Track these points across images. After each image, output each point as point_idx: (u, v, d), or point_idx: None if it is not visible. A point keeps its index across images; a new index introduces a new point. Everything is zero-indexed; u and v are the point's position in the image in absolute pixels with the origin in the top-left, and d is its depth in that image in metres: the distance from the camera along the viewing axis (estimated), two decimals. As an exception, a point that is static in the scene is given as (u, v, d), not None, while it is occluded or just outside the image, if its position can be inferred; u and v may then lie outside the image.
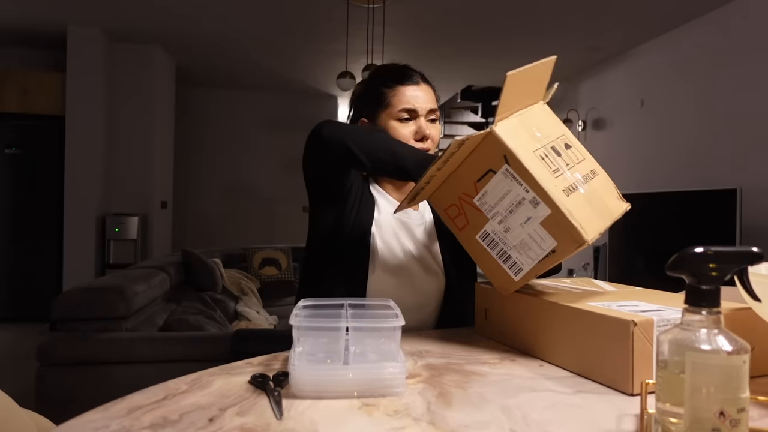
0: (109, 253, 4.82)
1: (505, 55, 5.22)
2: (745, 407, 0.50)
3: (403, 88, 1.21)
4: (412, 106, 1.20)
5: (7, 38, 4.91)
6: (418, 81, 1.23)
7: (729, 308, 0.77)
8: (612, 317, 0.74)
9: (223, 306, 3.08)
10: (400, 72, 1.24)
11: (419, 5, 4.03)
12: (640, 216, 4.17)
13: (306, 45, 5.00)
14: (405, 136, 1.19)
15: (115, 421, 0.62)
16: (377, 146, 1.06)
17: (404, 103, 1.20)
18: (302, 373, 0.70)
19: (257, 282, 4.16)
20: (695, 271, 0.53)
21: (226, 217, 6.69)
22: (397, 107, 1.20)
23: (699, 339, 0.51)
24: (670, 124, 4.40)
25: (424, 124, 1.20)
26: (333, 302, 0.86)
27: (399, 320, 0.75)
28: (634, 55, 4.85)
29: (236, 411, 0.65)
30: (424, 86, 1.23)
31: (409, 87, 1.21)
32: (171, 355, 2.08)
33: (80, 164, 4.67)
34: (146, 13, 4.29)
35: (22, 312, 4.74)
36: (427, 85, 1.24)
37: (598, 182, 0.96)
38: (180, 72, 5.78)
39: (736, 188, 3.29)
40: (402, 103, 1.20)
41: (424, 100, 1.21)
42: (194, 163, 6.62)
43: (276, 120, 6.84)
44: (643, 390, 0.63)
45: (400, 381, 0.71)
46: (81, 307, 2.14)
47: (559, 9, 4.03)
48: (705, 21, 4.07)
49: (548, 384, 0.77)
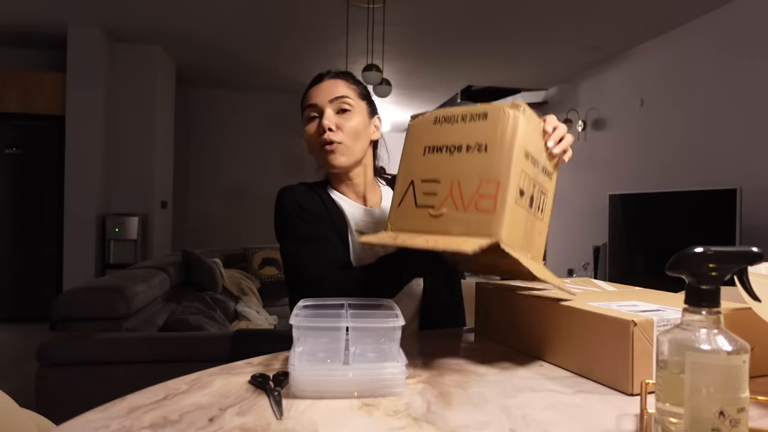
0: (109, 253, 4.82)
1: (506, 55, 5.22)
2: (745, 407, 0.50)
3: (309, 90, 1.19)
4: (311, 101, 1.17)
5: (7, 38, 4.91)
6: (322, 79, 1.19)
7: (729, 308, 0.77)
8: (612, 317, 0.74)
9: (223, 306, 3.08)
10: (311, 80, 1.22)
11: (419, 5, 4.03)
12: (640, 216, 4.19)
13: (306, 45, 5.00)
14: (310, 136, 1.17)
15: (115, 421, 0.62)
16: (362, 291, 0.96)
17: (306, 101, 1.18)
18: (302, 373, 0.70)
19: (257, 282, 4.15)
20: (695, 271, 0.53)
21: (226, 217, 6.69)
22: (302, 109, 1.19)
23: (699, 339, 0.51)
24: (670, 124, 4.40)
25: (327, 115, 1.14)
26: (333, 302, 0.86)
27: (399, 320, 0.75)
28: (634, 55, 4.85)
29: (236, 411, 0.65)
30: (327, 81, 1.18)
31: (313, 87, 1.19)
32: (171, 355, 2.07)
33: (80, 164, 4.67)
34: (146, 13, 4.29)
35: (22, 312, 4.74)
36: (335, 79, 1.19)
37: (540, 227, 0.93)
38: (180, 72, 5.78)
39: (736, 188, 3.29)
40: (304, 103, 1.19)
41: (325, 91, 1.16)
42: (194, 163, 6.62)
43: (276, 120, 6.83)
44: (643, 390, 0.63)
45: (400, 381, 0.71)
46: (81, 307, 2.13)
47: (559, 9, 4.03)
48: (705, 21, 4.07)
49: (548, 384, 0.77)
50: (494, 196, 0.81)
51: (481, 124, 0.87)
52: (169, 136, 5.64)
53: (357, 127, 1.16)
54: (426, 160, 0.92)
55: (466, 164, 0.86)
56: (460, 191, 0.85)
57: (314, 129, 1.16)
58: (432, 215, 0.87)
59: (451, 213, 0.85)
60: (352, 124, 1.15)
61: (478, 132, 0.86)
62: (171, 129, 5.72)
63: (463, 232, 0.82)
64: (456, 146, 0.88)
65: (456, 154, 0.88)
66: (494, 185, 0.82)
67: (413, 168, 0.94)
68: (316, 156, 1.19)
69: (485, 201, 0.82)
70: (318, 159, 1.19)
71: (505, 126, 0.84)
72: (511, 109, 0.85)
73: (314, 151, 1.19)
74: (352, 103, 1.16)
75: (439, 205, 0.87)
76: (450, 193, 0.86)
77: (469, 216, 0.83)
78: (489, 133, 0.85)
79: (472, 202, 0.83)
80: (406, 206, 0.93)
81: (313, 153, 1.19)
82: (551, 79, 6.02)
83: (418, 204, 0.91)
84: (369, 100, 1.23)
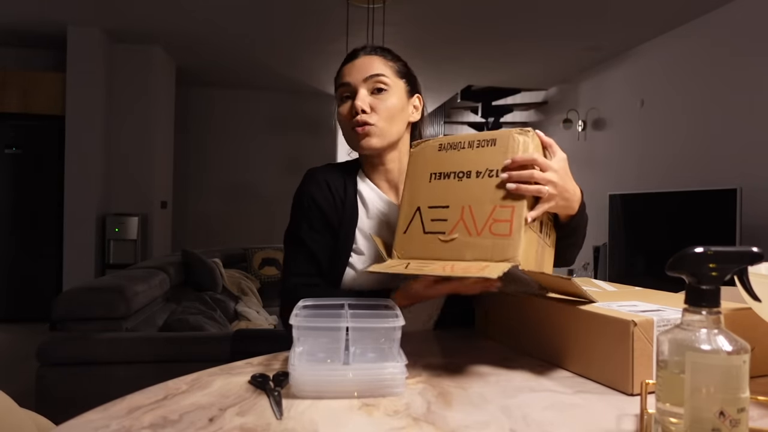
0: (109, 253, 4.82)
1: (506, 55, 5.22)
2: (745, 407, 0.50)
3: (341, 69, 1.12)
4: (344, 79, 1.10)
5: (7, 38, 4.91)
6: (357, 55, 1.11)
7: (729, 308, 0.77)
8: (612, 317, 0.74)
9: (223, 306, 3.08)
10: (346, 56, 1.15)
11: (419, 6, 4.03)
12: (640, 216, 4.19)
13: (306, 45, 5.00)
14: (343, 117, 1.10)
15: (115, 421, 0.62)
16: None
17: (338, 80, 1.11)
18: (302, 373, 0.70)
19: (257, 282, 4.16)
20: (695, 271, 0.53)
21: (226, 217, 6.69)
22: (335, 88, 1.13)
23: (699, 339, 0.51)
24: (670, 124, 4.40)
25: (360, 96, 1.07)
26: (333, 302, 0.86)
27: (399, 320, 0.75)
28: (634, 55, 4.85)
29: (236, 411, 0.65)
30: (362, 57, 1.10)
31: (347, 65, 1.11)
32: (171, 355, 2.07)
33: (80, 164, 4.66)
34: (146, 13, 4.29)
35: (22, 312, 4.73)
36: (371, 56, 1.11)
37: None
38: (180, 72, 5.78)
39: (736, 188, 3.29)
40: (337, 82, 1.12)
41: (359, 69, 1.09)
42: (194, 163, 6.62)
43: (276, 120, 6.84)
44: (643, 390, 0.63)
45: (400, 381, 0.71)
46: (81, 307, 2.13)
47: (559, 9, 4.03)
48: (705, 21, 4.07)
49: (548, 384, 0.77)
50: (510, 220, 0.82)
51: (490, 150, 0.89)
52: (168, 136, 5.64)
53: (393, 108, 1.09)
54: (432, 186, 0.93)
55: (477, 190, 0.87)
56: (472, 216, 0.86)
57: (347, 110, 1.09)
58: (443, 241, 0.88)
59: (463, 238, 0.86)
60: (387, 104, 1.08)
61: (487, 158, 0.89)
62: (171, 129, 5.71)
63: (479, 257, 0.83)
64: (465, 172, 0.90)
65: (465, 180, 0.90)
66: (509, 210, 0.83)
67: (419, 194, 0.95)
68: (348, 137, 1.12)
69: (500, 225, 0.83)
70: (349, 141, 1.13)
71: (516, 151, 0.86)
72: (520, 135, 0.87)
73: (346, 132, 1.12)
74: (388, 81, 1.09)
75: (450, 231, 0.88)
76: (462, 218, 0.87)
77: (483, 241, 0.84)
78: (499, 158, 0.87)
79: (486, 227, 0.84)
80: (413, 233, 0.93)
81: (345, 134, 1.13)
82: (551, 79, 6.02)
83: (426, 230, 0.91)
84: (409, 77, 1.15)
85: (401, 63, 1.15)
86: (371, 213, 1.12)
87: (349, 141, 1.12)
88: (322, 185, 1.11)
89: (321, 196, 1.10)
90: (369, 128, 1.07)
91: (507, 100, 6.84)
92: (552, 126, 6.23)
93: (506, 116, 7.00)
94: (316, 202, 1.09)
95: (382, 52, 1.13)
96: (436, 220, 0.90)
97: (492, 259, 0.82)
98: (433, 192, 0.93)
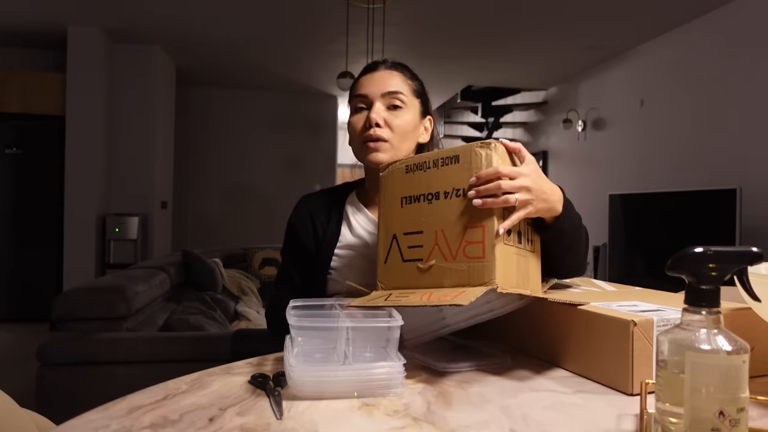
0: (109, 253, 4.82)
1: (506, 55, 5.22)
2: (745, 407, 0.50)
3: (361, 78, 1.13)
4: (362, 91, 1.10)
5: (7, 38, 4.91)
6: (377, 68, 1.13)
7: (729, 308, 0.77)
8: (612, 317, 0.74)
9: (223, 306, 3.08)
10: (367, 65, 1.16)
11: (419, 5, 4.03)
12: (640, 216, 4.19)
13: (306, 45, 5.01)
14: (354, 128, 1.11)
15: (115, 421, 0.62)
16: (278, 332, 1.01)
17: (357, 89, 1.12)
18: (301, 373, 0.70)
19: (257, 282, 4.15)
20: (695, 271, 0.53)
21: (226, 217, 6.69)
22: (350, 98, 1.14)
23: (699, 339, 0.51)
24: (670, 124, 4.40)
25: (376, 109, 1.08)
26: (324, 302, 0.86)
27: (398, 320, 0.75)
28: (634, 55, 4.85)
29: (236, 411, 0.65)
30: (382, 71, 1.12)
31: (366, 76, 1.12)
32: (171, 355, 2.07)
33: (80, 164, 4.67)
34: (146, 13, 4.29)
35: (22, 312, 4.73)
36: (391, 70, 1.12)
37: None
38: (180, 72, 5.78)
39: (736, 188, 3.29)
40: (355, 91, 1.12)
41: (379, 83, 1.10)
42: (194, 163, 6.62)
43: (276, 120, 6.84)
44: (642, 390, 0.63)
45: (398, 380, 0.71)
46: (81, 307, 2.13)
47: (559, 9, 4.03)
48: (705, 21, 4.07)
49: (548, 384, 0.77)
50: (481, 241, 0.79)
51: (455, 168, 0.85)
52: (169, 136, 5.64)
53: (407, 126, 1.10)
54: (405, 212, 0.90)
55: (446, 211, 0.84)
56: (446, 240, 0.83)
57: (361, 121, 1.09)
58: (422, 269, 0.85)
59: (440, 264, 0.83)
60: (401, 122, 1.09)
61: (452, 176, 0.85)
62: (171, 129, 5.72)
63: (457, 283, 0.80)
64: (434, 194, 0.86)
65: (435, 202, 0.86)
66: (479, 230, 0.80)
67: (393, 221, 0.92)
68: (356, 149, 1.12)
69: (473, 247, 0.80)
70: (357, 153, 1.13)
71: (480, 166, 0.82)
72: (481, 149, 0.83)
73: (355, 144, 1.12)
74: (405, 99, 1.10)
75: (426, 258, 0.85)
76: (436, 243, 0.84)
77: (459, 265, 0.81)
78: (464, 176, 0.83)
79: (460, 250, 0.81)
80: (392, 262, 0.91)
81: (354, 145, 1.13)
82: (551, 79, 6.02)
83: (404, 258, 0.89)
84: (424, 98, 1.16)
85: (419, 82, 1.16)
86: (356, 232, 1.16)
87: (357, 152, 1.13)
88: (304, 216, 1.19)
89: (302, 228, 1.18)
90: (381, 143, 1.08)
91: (507, 100, 6.84)
92: (552, 126, 6.23)
93: (506, 116, 7.00)
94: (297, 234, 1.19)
95: (402, 69, 1.15)
96: (412, 247, 0.87)
97: (470, 283, 0.79)
98: (405, 217, 0.90)
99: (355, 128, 1.11)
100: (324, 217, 1.18)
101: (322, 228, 1.17)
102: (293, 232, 1.20)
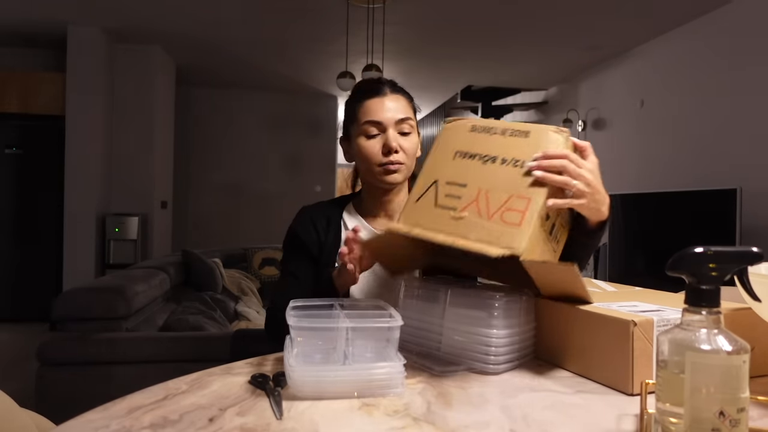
0: (109, 253, 4.82)
1: (506, 55, 5.22)
2: (745, 407, 0.50)
3: (368, 102, 1.17)
4: (376, 117, 1.15)
5: (7, 38, 4.90)
6: (386, 92, 1.17)
7: (729, 308, 0.77)
8: (612, 317, 0.74)
9: (223, 306, 3.08)
10: (368, 86, 1.20)
11: (419, 5, 4.03)
12: (640, 216, 4.19)
13: (306, 45, 5.00)
14: (371, 154, 1.15)
15: (115, 421, 0.62)
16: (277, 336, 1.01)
17: (368, 115, 1.16)
18: (301, 373, 0.70)
19: (257, 282, 4.16)
20: (695, 271, 0.53)
21: (226, 217, 6.69)
22: (362, 121, 1.17)
23: (699, 339, 0.51)
24: (670, 125, 4.40)
25: (392, 136, 1.14)
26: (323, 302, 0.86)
27: (398, 320, 0.75)
28: (634, 55, 4.85)
29: (236, 411, 0.65)
30: (392, 96, 1.17)
31: (375, 99, 1.16)
32: (171, 355, 2.08)
33: (80, 164, 4.66)
34: (146, 13, 4.29)
35: (22, 312, 4.73)
36: (397, 95, 1.19)
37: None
38: (180, 72, 5.77)
39: (736, 188, 3.29)
40: (366, 116, 1.16)
41: (392, 110, 1.15)
42: (194, 163, 6.62)
43: (276, 120, 6.84)
44: (643, 390, 0.63)
45: (398, 380, 0.71)
46: (81, 307, 2.13)
47: (559, 9, 4.03)
48: (705, 21, 4.07)
49: (548, 384, 0.77)
50: (523, 211, 0.82)
51: (521, 141, 0.89)
52: (169, 136, 5.64)
53: (416, 147, 1.20)
54: (455, 164, 0.93)
55: (499, 176, 0.88)
56: (486, 200, 0.86)
57: (377, 147, 1.16)
58: (453, 217, 0.87)
59: (472, 218, 0.85)
60: (411, 145, 1.18)
61: (516, 147, 0.89)
62: (171, 129, 5.71)
63: (482, 239, 0.82)
64: (491, 157, 0.90)
65: (489, 165, 0.90)
66: (525, 201, 0.83)
67: (440, 169, 0.95)
68: (369, 171, 1.18)
69: (511, 214, 0.83)
70: (368, 173, 1.19)
71: (547, 148, 0.86)
72: (555, 133, 0.88)
73: (369, 167, 1.17)
74: (413, 124, 1.19)
75: (461, 209, 0.87)
76: (476, 200, 0.87)
77: (492, 225, 0.83)
78: (528, 150, 0.87)
79: (498, 213, 0.84)
80: (423, 203, 0.93)
81: (367, 167, 1.18)
82: (551, 79, 6.02)
83: (438, 203, 0.91)
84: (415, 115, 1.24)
85: (413, 101, 1.24)
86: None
87: (369, 174, 1.19)
88: (306, 221, 1.24)
89: (304, 232, 1.23)
90: (399, 166, 1.16)
91: (507, 100, 6.84)
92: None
93: (506, 116, 7.00)
94: (299, 238, 1.23)
95: (405, 93, 1.22)
96: (450, 196, 0.90)
97: (497, 244, 0.81)
98: (454, 169, 0.93)
99: (370, 153, 1.16)
100: (324, 223, 1.24)
101: (323, 233, 1.23)
102: (296, 237, 1.23)
